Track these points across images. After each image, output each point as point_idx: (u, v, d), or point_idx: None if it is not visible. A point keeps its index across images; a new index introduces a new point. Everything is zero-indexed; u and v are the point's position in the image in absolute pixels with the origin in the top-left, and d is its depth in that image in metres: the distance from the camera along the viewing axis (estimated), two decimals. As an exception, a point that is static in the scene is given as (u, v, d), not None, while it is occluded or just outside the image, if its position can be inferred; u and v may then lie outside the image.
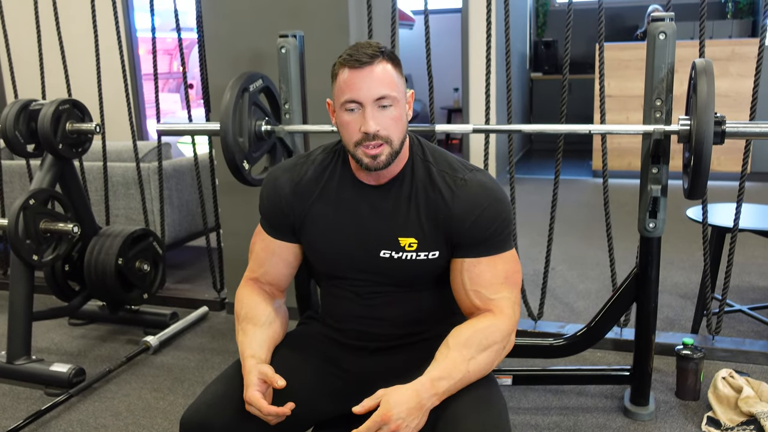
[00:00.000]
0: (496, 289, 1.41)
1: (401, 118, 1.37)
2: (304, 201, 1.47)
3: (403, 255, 1.41)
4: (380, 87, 1.32)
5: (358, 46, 1.35)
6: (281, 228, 1.51)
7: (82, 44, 3.93)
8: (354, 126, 1.35)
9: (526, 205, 4.73)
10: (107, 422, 2.38)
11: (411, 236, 1.41)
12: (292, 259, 1.55)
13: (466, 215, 1.39)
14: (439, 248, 1.42)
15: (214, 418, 1.34)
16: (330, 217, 1.46)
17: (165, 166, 3.53)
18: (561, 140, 2.65)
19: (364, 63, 1.32)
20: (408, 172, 1.44)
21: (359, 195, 1.44)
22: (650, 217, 2.11)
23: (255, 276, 1.56)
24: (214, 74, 3.07)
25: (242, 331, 1.46)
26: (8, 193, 3.87)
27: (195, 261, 4.20)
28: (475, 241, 1.40)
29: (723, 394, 2.26)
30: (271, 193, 1.51)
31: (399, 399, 1.25)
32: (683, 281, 3.54)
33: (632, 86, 5.85)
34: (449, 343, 1.34)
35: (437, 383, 1.29)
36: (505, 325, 1.39)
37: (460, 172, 1.43)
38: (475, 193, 1.40)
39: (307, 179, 1.48)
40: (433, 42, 2.75)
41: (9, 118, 2.76)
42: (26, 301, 2.69)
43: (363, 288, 1.47)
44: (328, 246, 1.47)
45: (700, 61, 1.88)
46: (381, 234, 1.42)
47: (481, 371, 1.34)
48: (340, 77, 1.35)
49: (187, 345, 3.02)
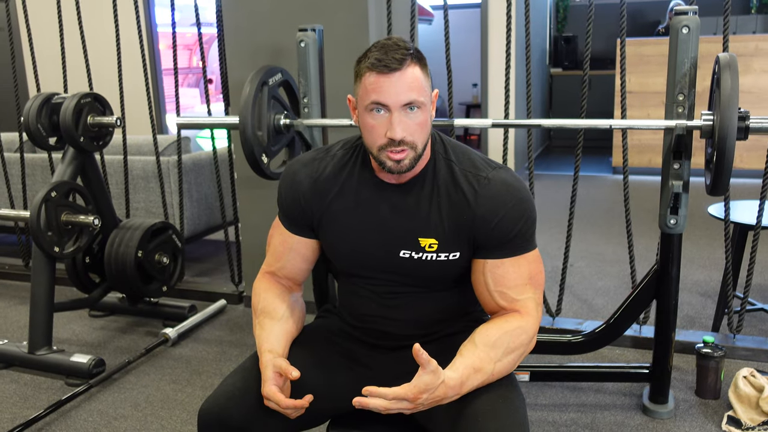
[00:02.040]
0: (522, 290, 1.38)
1: (427, 122, 1.33)
2: (322, 198, 1.45)
3: (423, 255, 1.39)
4: (409, 92, 1.29)
5: (387, 49, 1.29)
6: (299, 223, 1.50)
7: (104, 39, 3.96)
8: (380, 130, 1.31)
9: (545, 202, 4.70)
10: (126, 413, 2.41)
11: (431, 237, 1.38)
12: (310, 255, 1.54)
13: (489, 215, 1.35)
14: (461, 249, 1.39)
15: (232, 410, 1.34)
16: (349, 216, 1.44)
17: (184, 160, 3.55)
18: (581, 136, 2.63)
19: (393, 69, 1.28)
20: (430, 171, 1.40)
21: (379, 194, 1.42)
22: (671, 213, 2.08)
23: (272, 270, 1.55)
24: (234, 68, 3.08)
25: (259, 325, 1.46)
26: (30, 185, 3.92)
27: (213, 254, 4.22)
28: (499, 241, 1.37)
29: (744, 393, 2.23)
30: (290, 188, 1.49)
31: (433, 389, 1.23)
32: (704, 279, 3.51)
33: (653, 82, 5.79)
34: (476, 342, 1.33)
35: (465, 384, 1.28)
36: (532, 327, 1.38)
37: (483, 171, 1.39)
38: (499, 192, 1.36)
39: (326, 176, 1.45)
40: (452, 37, 2.74)
41: (31, 112, 2.79)
42: (47, 292, 2.72)
43: (382, 288, 1.46)
44: (347, 245, 1.45)
45: (723, 55, 1.86)
46: (401, 234, 1.40)
47: (504, 372, 1.34)
48: (366, 79, 1.30)
49: (205, 337, 3.04)
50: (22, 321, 3.26)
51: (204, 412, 1.36)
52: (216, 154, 3.47)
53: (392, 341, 1.48)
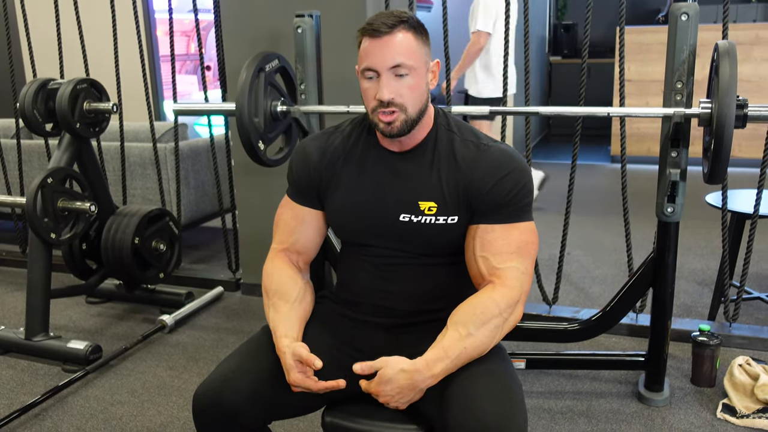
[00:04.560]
0: (504, 258, 1.39)
1: (419, 86, 1.38)
2: (330, 167, 1.51)
3: (422, 219, 1.43)
4: (396, 56, 1.34)
5: (380, 15, 1.37)
6: (309, 195, 1.54)
7: (101, 24, 3.93)
8: (371, 93, 1.38)
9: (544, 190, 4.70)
10: (123, 399, 2.41)
11: (431, 200, 1.42)
12: (322, 226, 1.57)
13: (486, 179, 1.40)
14: (459, 214, 1.42)
15: (227, 394, 1.34)
16: (353, 182, 1.49)
17: (181, 147, 3.54)
18: (579, 124, 2.62)
19: (382, 33, 1.34)
20: (431, 140, 1.46)
21: (382, 161, 1.47)
22: (668, 201, 2.08)
23: (285, 246, 1.56)
24: (231, 55, 3.06)
25: (273, 308, 1.47)
26: (27, 172, 3.91)
27: (210, 241, 4.22)
28: (493, 206, 1.40)
29: (739, 381, 2.24)
30: (300, 160, 1.54)
31: (393, 377, 1.29)
32: (701, 267, 3.51)
33: (652, 71, 5.77)
34: (447, 323, 1.36)
35: (433, 366, 1.30)
36: (505, 297, 1.36)
37: (483, 140, 1.45)
38: (498, 158, 1.41)
39: (335, 147, 1.52)
40: (451, 25, 2.72)
41: (27, 97, 2.78)
42: (44, 278, 2.72)
43: (381, 258, 1.48)
44: (349, 209, 1.49)
45: (722, 43, 1.85)
46: (401, 198, 1.44)
47: (480, 347, 1.34)
48: (362, 46, 1.38)
49: (202, 324, 3.04)
50: (19, 307, 3.26)
51: (199, 396, 1.36)
52: (213, 140, 3.46)
53: (390, 317, 1.49)
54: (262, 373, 1.39)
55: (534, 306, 2.93)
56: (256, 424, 1.40)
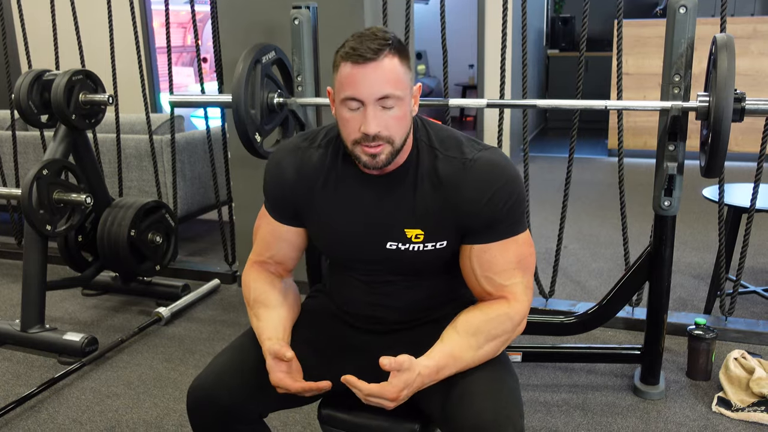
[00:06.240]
0: (509, 275, 1.35)
1: (405, 117, 1.27)
2: (307, 189, 1.40)
3: (410, 246, 1.36)
4: (384, 86, 1.22)
5: (363, 38, 1.23)
6: (286, 214, 1.46)
7: (96, 16, 3.91)
8: (354, 125, 1.26)
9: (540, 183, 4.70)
10: (119, 391, 2.41)
11: (417, 227, 1.35)
12: (300, 243, 1.51)
13: (477, 198, 1.31)
14: (447, 237, 1.36)
15: (221, 389, 1.34)
16: (333, 209, 1.40)
17: (178, 139, 3.53)
18: (576, 117, 2.61)
19: (368, 59, 1.21)
20: (413, 161, 1.35)
21: (363, 186, 1.37)
22: (665, 195, 2.08)
23: (261, 259, 1.52)
24: (227, 46, 3.05)
25: (255, 316, 1.44)
26: (22, 163, 3.89)
27: (207, 234, 4.21)
28: (487, 225, 1.33)
29: (734, 374, 2.25)
30: (275, 176, 1.44)
31: (411, 382, 1.24)
32: (697, 261, 3.51)
33: (650, 64, 5.76)
34: (458, 328, 1.32)
35: (442, 371, 1.28)
36: (518, 314, 1.35)
37: (468, 153, 1.33)
38: (486, 173, 1.31)
39: (311, 165, 1.40)
40: (449, 18, 2.71)
41: (22, 88, 2.76)
42: (40, 270, 2.71)
43: (370, 277, 1.45)
44: (333, 238, 1.43)
45: (720, 36, 1.84)
46: (386, 226, 1.37)
47: (485, 358, 1.33)
48: (342, 70, 1.24)
49: (198, 317, 3.04)
50: (14, 299, 3.26)
51: (193, 391, 1.36)
52: (209, 132, 3.45)
53: (382, 326, 1.47)
54: (256, 367, 1.37)
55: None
56: (251, 418, 1.39)
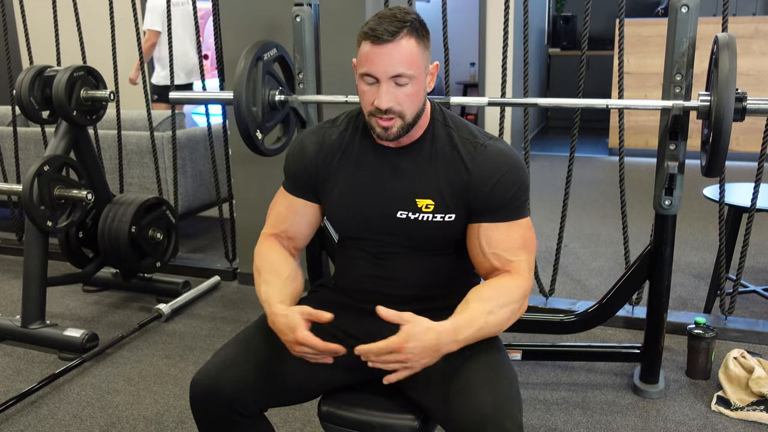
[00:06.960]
0: (515, 252, 1.42)
1: (418, 93, 1.37)
2: (327, 162, 1.50)
3: (419, 216, 1.43)
4: (398, 65, 1.32)
5: (383, 19, 1.33)
6: (305, 188, 1.54)
7: (98, 12, 3.91)
8: (369, 97, 1.36)
9: (541, 182, 4.70)
10: (119, 387, 2.41)
11: (428, 198, 1.43)
12: (314, 220, 1.58)
13: (485, 180, 1.40)
14: (456, 212, 1.43)
15: (224, 381, 1.35)
16: (350, 178, 1.48)
17: (179, 136, 3.53)
18: (577, 116, 2.62)
19: (384, 40, 1.31)
20: (429, 136, 1.45)
21: (380, 157, 1.47)
22: (666, 194, 2.08)
23: (275, 231, 1.57)
24: (229, 43, 3.05)
25: (265, 282, 1.45)
26: (23, 159, 3.89)
27: (208, 231, 4.21)
28: (494, 206, 1.41)
29: (734, 374, 2.25)
30: (297, 153, 1.54)
31: (419, 335, 1.23)
32: (697, 261, 3.52)
33: (652, 63, 5.76)
34: (469, 299, 1.36)
35: (459, 330, 1.28)
36: (522, 286, 1.40)
37: (480, 139, 1.44)
38: (495, 159, 1.41)
39: (331, 142, 1.51)
40: (450, 16, 2.71)
41: (24, 84, 2.76)
42: (40, 266, 2.71)
43: (378, 248, 1.49)
44: (347, 206, 1.49)
45: (722, 35, 1.84)
46: (399, 195, 1.45)
47: (497, 326, 1.35)
48: (362, 47, 1.35)
49: (198, 313, 3.04)
50: (15, 295, 3.26)
51: (196, 383, 1.36)
52: (211, 129, 3.45)
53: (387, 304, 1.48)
54: (258, 361, 1.39)
55: (530, 297, 2.90)
56: (253, 412, 1.40)
